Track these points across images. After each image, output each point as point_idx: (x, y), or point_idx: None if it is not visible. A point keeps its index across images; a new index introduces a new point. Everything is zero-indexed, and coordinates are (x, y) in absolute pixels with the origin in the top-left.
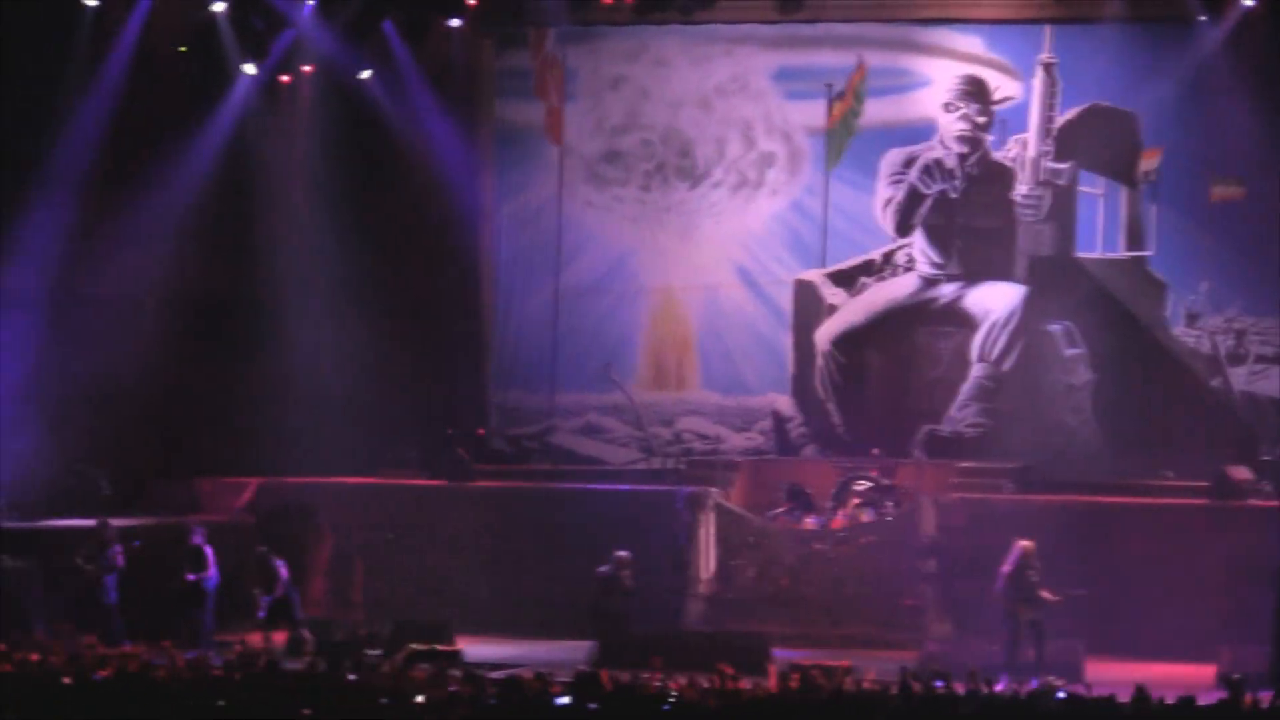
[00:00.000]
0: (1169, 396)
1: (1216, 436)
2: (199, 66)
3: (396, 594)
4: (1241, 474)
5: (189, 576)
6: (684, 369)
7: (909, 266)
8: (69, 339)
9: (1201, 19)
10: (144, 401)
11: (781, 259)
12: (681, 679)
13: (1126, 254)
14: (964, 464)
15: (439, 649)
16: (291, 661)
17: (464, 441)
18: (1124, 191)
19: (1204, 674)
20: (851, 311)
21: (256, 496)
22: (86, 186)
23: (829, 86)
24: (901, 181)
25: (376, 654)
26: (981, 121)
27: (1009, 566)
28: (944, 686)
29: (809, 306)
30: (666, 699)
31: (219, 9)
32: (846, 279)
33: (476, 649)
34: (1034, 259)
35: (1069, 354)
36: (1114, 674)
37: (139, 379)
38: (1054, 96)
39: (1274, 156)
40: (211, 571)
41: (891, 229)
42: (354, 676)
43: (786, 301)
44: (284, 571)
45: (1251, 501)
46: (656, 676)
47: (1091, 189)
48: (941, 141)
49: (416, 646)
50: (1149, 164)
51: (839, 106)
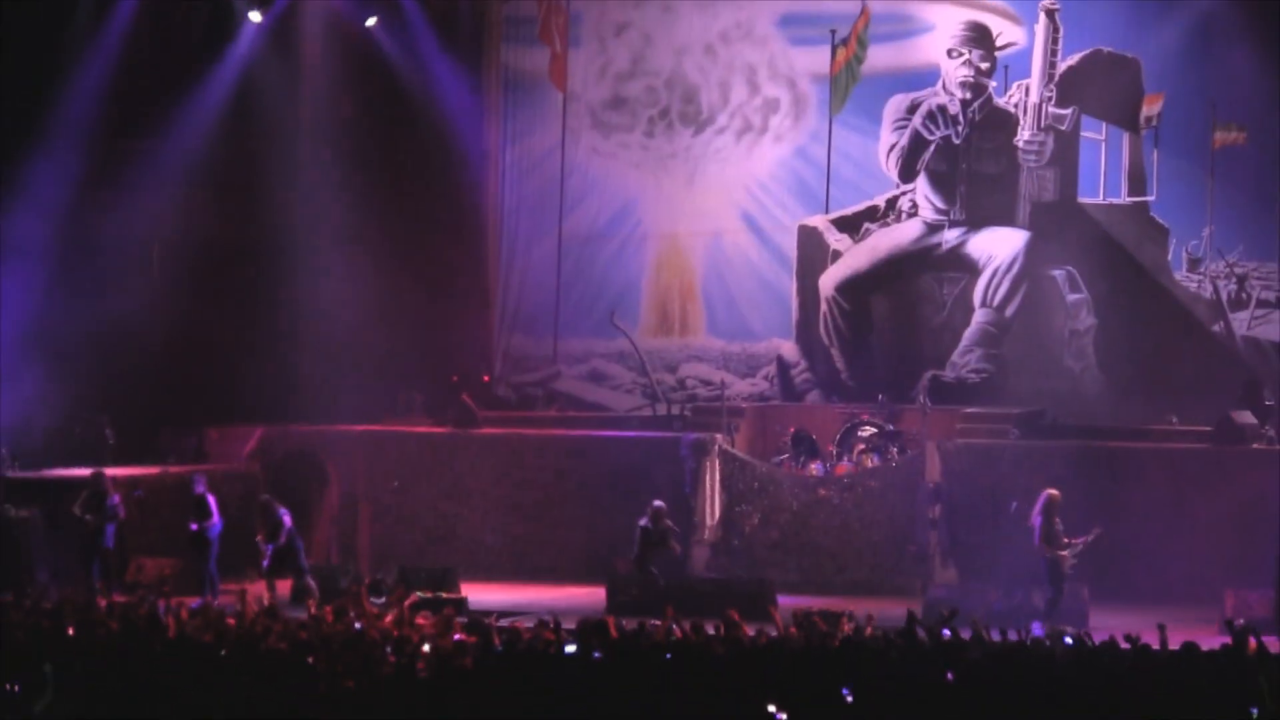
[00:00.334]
0: (1171, 341)
1: (1219, 381)
2: (206, 13)
3: (402, 541)
4: (1245, 419)
5: (193, 525)
6: (688, 315)
7: (913, 212)
8: (76, 287)
9: None
10: (150, 350)
11: (786, 205)
12: (686, 625)
13: (1129, 199)
14: (968, 409)
15: (443, 596)
16: (296, 610)
17: (469, 388)
18: (1126, 137)
19: (1208, 618)
20: (855, 257)
21: (261, 444)
22: (93, 134)
23: (833, 32)
24: (905, 127)
25: (380, 601)
26: (984, 67)
27: (1039, 517)
28: (950, 634)
29: (813, 252)
30: (671, 646)
31: None
32: (850, 225)
33: (482, 595)
34: (1037, 204)
35: (1072, 299)
36: (1117, 621)
37: (145, 327)
38: (1056, 42)
39: (1276, 102)
40: (215, 520)
41: (895, 175)
42: (359, 625)
43: (791, 247)
44: (288, 520)
45: (1255, 446)
46: (665, 624)
47: (1094, 134)
48: (945, 87)
49: (421, 594)
50: (1151, 109)
51: (843, 52)
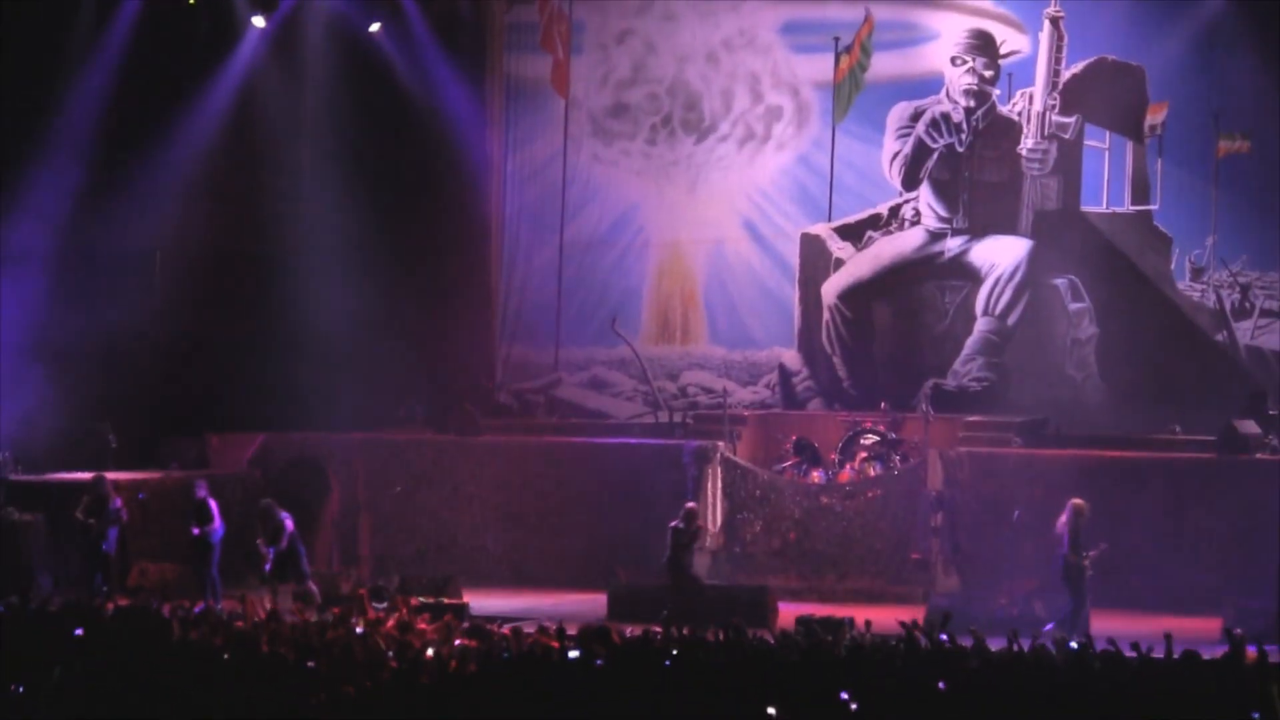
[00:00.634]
0: (1174, 351)
1: (1221, 391)
2: (208, 20)
3: (403, 548)
4: (1249, 428)
5: (195, 530)
6: (690, 323)
7: (915, 220)
8: (79, 294)
9: None
10: (153, 357)
11: (788, 213)
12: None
13: (1132, 208)
14: (970, 418)
15: (445, 602)
16: (298, 614)
17: (471, 395)
18: (1130, 145)
19: (1209, 628)
20: (858, 265)
21: (263, 451)
22: (95, 142)
23: (836, 40)
24: (908, 135)
25: (382, 607)
26: (988, 75)
27: (1066, 527)
28: (948, 640)
29: (815, 260)
30: (672, 653)
31: None
32: (853, 233)
33: (483, 602)
34: (1040, 213)
35: (1074, 308)
36: (1119, 630)
37: (148, 334)
38: (1060, 50)
39: None
40: (217, 524)
41: (898, 182)
42: (360, 630)
43: (793, 255)
44: (289, 524)
45: (1258, 455)
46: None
47: (1097, 143)
48: (948, 95)
49: (422, 599)
50: (1155, 118)
51: (846, 60)
